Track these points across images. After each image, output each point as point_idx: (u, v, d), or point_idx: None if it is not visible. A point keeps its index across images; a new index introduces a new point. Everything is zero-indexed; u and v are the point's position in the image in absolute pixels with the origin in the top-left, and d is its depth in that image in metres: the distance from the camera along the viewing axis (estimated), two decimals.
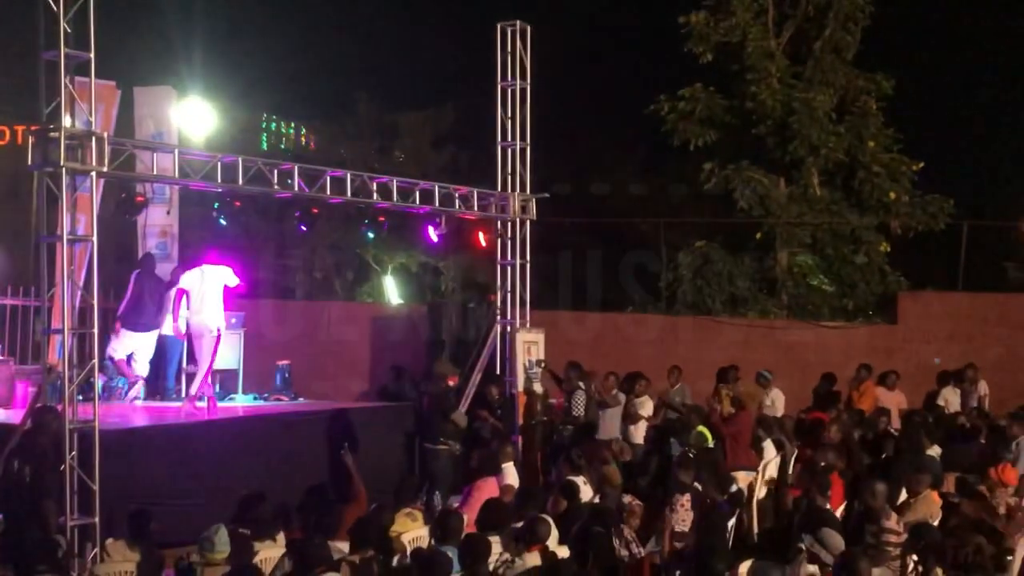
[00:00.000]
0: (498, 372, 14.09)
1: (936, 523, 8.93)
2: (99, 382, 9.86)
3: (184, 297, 12.77)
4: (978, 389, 14.97)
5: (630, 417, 13.15)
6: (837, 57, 19.58)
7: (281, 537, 8.29)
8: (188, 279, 12.72)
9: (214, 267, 12.79)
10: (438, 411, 12.39)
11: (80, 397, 9.38)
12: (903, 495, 9.78)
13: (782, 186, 19.63)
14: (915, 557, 7.78)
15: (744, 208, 19.30)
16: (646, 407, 13.32)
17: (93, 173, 9.34)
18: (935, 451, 11.62)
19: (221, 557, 7.56)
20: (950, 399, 14.50)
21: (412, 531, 8.94)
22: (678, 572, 7.77)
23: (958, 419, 13.41)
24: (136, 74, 16.26)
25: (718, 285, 19.39)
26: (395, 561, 8.05)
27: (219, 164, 10.71)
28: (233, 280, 12.87)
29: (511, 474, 10.82)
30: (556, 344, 14.63)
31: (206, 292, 12.65)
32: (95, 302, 9.43)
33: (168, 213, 14.64)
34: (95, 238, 9.58)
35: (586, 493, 10.07)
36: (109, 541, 8.21)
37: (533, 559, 7.62)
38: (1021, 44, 25.56)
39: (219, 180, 10.77)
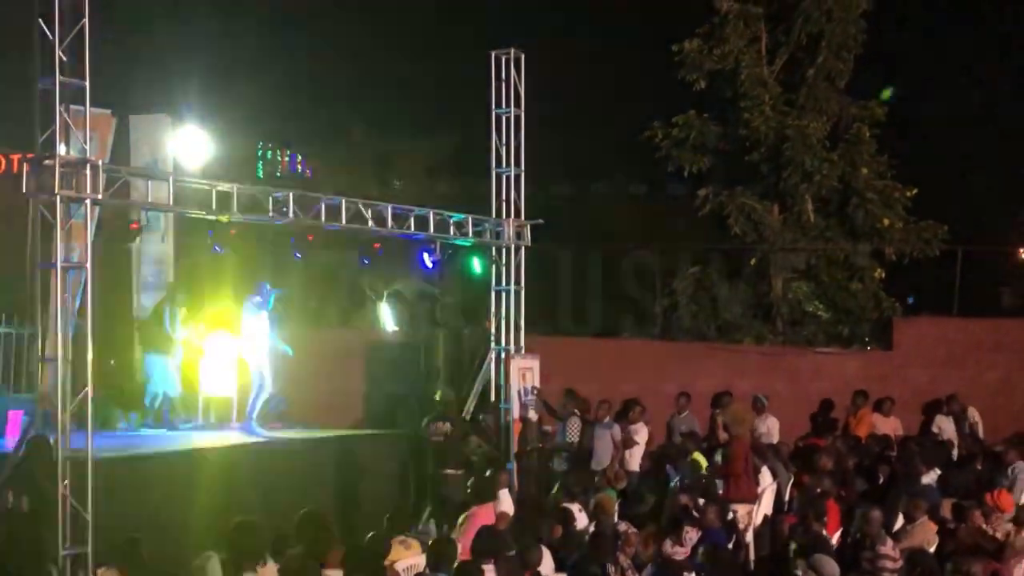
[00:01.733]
0: (492, 399, 14.07)
1: (933, 549, 8.91)
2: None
3: None
4: (969, 416, 14.99)
5: (625, 444, 13.11)
6: (830, 84, 19.68)
7: (271, 567, 8.23)
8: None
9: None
10: (457, 437, 12.23)
11: (73, 426, 9.32)
12: (900, 521, 9.78)
13: (776, 213, 19.69)
14: None
15: (738, 234, 19.35)
16: (640, 434, 13.28)
17: (88, 201, 9.33)
18: (931, 477, 11.61)
19: None
20: (943, 426, 14.52)
21: (406, 559, 8.90)
22: None
23: (953, 446, 13.43)
24: (132, 102, 16.29)
25: (712, 311, 19.43)
26: None
27: (214, 192, 10.72)
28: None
29: (506, 501, 10.79)
30: (549, 370, 14.61)
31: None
32: (89, 330, 9.41)
33: (163, 240, 14.64)
34: (89, 265, 9.57)
35: (581, 520, 10.05)
36: (101, 570, 8.17)
37: None
38: (1012, 71, 25.76)
39: (214, 208, 10.78)
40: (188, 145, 15.25)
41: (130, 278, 14.91)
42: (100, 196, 9.42)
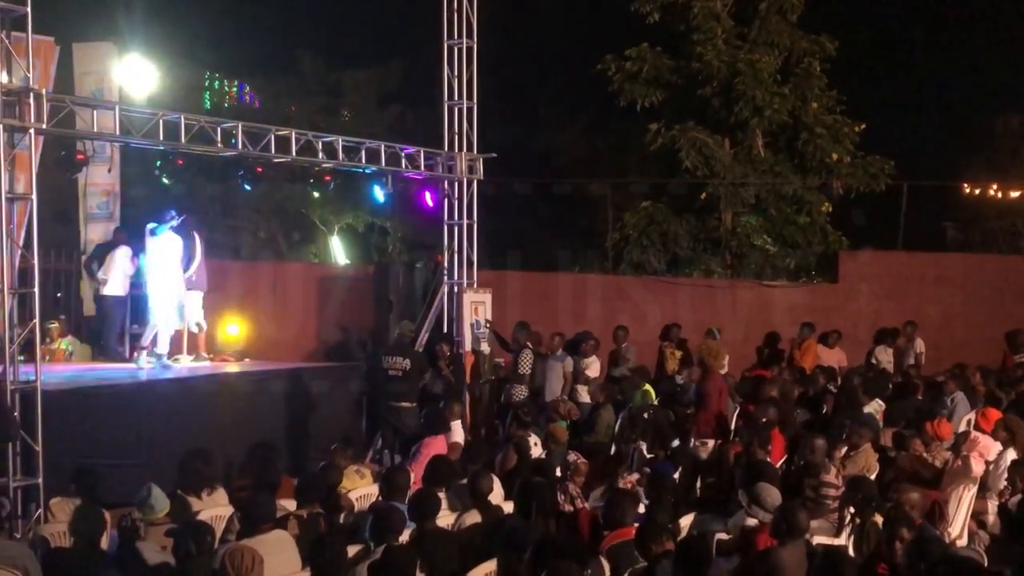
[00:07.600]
0: (445, 332, 14.12)
1: (873, 476, 9.15)
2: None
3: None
4: (915, 347, 15.31)
5: (577, 378, 13.23)
6: (782, 18, 19.69)
7: (221, 493, 8.28)
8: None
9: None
10: (415, 372, 12.19)
11: (22, 358, 9.26)
12: (842, 450, 10.01)
13: (727, 147, 19.77)
14: (852, 509, 7.98)
15: (689, 169, 19.43)
16: (593, 367, 13.41)
17: (32, 130, 9.17)
18: (874, 406, 11.88)
19: (160, 515, 7.54)
20: (881, 357, 14.82)
21: (360, 488, 9.00)
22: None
23: (894, 376, 13.72)
24: (75, 30, 15.91)
25: (663, 245, 19.57)
26: (341, 517, 8.10)
27: (161, 122, 10.56)
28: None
29: (458, 432, 10.91)
30: (501, 304, 14.69)
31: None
32: (36, 261, 9.30)
33: (109, 171, 14.41)
34: (34, 196, 9.42)
35: (535, 450, 10.19)
36: (55, 500, 8.16)
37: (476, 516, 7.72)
38: (960, 8, 25.93)
39: (161, 138, 10.62)
40: (133, 74, 14.95)
41: (76, 209, 14.70)
42: (44, 125, 9.27)
